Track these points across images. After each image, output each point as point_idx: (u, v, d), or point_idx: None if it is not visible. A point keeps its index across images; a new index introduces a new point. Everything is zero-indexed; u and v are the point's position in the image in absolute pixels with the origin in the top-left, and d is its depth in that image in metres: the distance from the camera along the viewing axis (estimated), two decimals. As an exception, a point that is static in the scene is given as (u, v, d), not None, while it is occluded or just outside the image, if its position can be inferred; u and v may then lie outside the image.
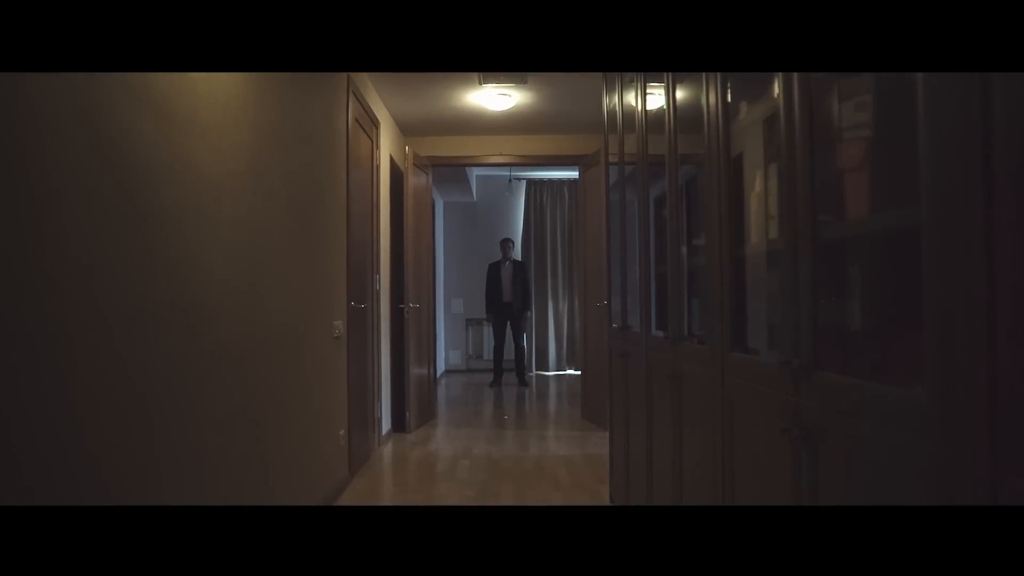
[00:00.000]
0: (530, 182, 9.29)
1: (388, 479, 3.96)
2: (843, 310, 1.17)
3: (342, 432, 3.63)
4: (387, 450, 4.69)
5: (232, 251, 2.18)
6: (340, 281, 3.64)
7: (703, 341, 1.80)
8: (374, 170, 4.68)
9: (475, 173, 8.98)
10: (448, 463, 4.27)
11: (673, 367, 2.07)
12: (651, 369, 2.43)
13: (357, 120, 4.10)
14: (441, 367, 9.00)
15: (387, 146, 5.13)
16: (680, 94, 2.05)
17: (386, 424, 4.98)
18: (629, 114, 2.81)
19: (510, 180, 9.04)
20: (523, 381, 7.97)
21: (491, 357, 8.35)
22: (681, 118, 2.04)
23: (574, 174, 8.99)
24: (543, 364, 9.20)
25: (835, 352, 1.13)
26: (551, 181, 9.29)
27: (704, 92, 1.72)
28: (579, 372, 8.94)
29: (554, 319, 9.22)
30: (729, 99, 1.63)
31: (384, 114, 5.03)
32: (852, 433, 1.01)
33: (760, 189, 1.53)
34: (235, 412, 2.21)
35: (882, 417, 0.92)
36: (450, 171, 7.61)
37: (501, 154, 5.99)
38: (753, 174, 1.58)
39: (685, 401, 1.97)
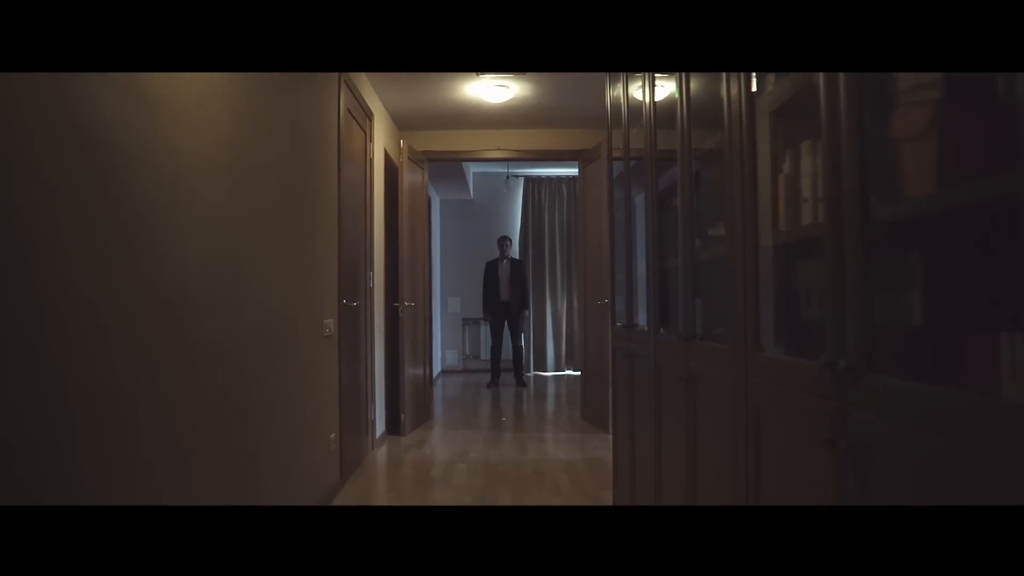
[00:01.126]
0: (528, 179, 9.13)
1: (381, 484, 3.81)
2: (900, 303, 1.02)
3: (333, 435, 3.47)
4: (381, 453, 4.53)
5: (210, 241, 2.03)
6: (331, 277, 3.48)
7: (722, 340, 1.65)
8: (368, 164, 4.53)
9: (472, 170, 8.82)
10: (444, 467, 4.12)
11: (686, 368, 1.92)
12: (660, 370, 2.28)
13: (350, 111, 3.94)
14: (437, 367, 8.84)
15: (381, 140, 4.97)
16: (695, 83, 1.90)
17: (380, 426, 4.83)
18: (636, 107, 2.66)
19: (508, 177, 8.88)
20: (521, 382, 7.81)
21: (488, 357, 8.20)
22: (695, 105, 1.90)
23: (572, 171, 8.84)
24: (541, 364, 9.05)
25: (890, 352, 0.98)
26: (549, 178, 9.13)
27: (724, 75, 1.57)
28: (578, 373, 8.81)
29: (552, 318, 9.07)
30: (753, 76, 1.47)
31: (378, 107, 4.88)
32: (913, 444, 0.86)
33: (789, 170, 1.38)
34: (214, 414, 2.05)
35: (956, 426, 0.77)
36: (447, 168, 7.46)
37: (499, 148, 5.84)
38: (780, 155, 1.43)
39: (700, 406, 1.82)
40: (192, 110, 1.92)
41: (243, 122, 2.29)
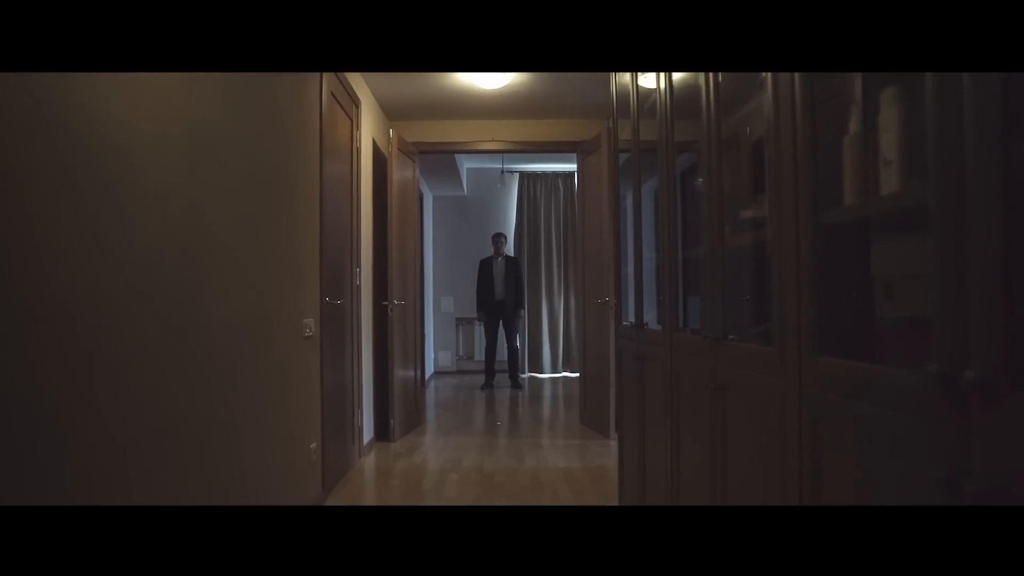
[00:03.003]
0: (523, 175, 8.86)
1: (367, 497, 3.52)
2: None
3: (314, 445, 3.19)
4: (368, 462, 4.25)
5: (160, 227, 1.75)
6: (312, 273, 3.20)
7: (763, 341, 1.38)
8: (354, 154, 4.24)
9: (465, 166, 8.54)
10: (436, 477, 3.84)
11: (715, 374, 1.65)
12: (679, 375, 2.01)
13: (334, 95, 3.66)
14: (430, 369, 8.56)
15: (369, 129, 4.69)
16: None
17: (368, 433, 4.54)
18: (647, 93, 2.40)
19: (502, 172, 8.60)
20: (516, 384, 7.54)
21: (483, 358, 7.93)
22: (726, 77, 1.63)
23: (569, 167, 8.58)
24: (537, 366, 8.77)
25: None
26: (545, 174, 8.86)
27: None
28: (575, 375, 8.54)
29: (548, 318, 8.79)
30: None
31: (366, 94, 4.60)
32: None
33: (857, 131, 1.11)
34: (163, 426, 1.77)
35: None
36: (439, 163, 7.18)
37: (494, 140, 5.56)
38: (844, 113, 1.16)
39: (732, 419, 1.55)
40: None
41: (203, 90, 2.01)
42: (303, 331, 3.02)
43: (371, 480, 3.86)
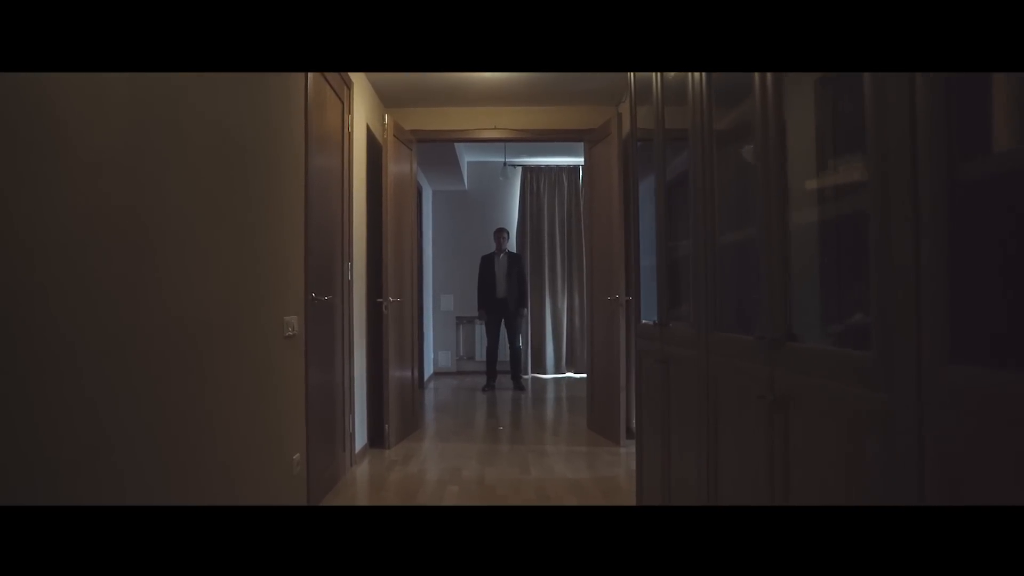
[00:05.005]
0: (526, 168, 8.54)
1: (358, 511, 3.21)
2: None
3: (297, 456, 2.87)
4: (361, 471, 3.93)
5: (93, 203, 1.43)
6: (295, 266, 2.88)
7: (860, 344, 1.06)
8: (346, 139, 3.93)
9: (466, 159, 8.23)
10: (433, 489, 3.53)
11: (771, 384, 1.34)
12: (716, 382, 1.70)
13: (322, 72, 3.35)
14: (429, 370, 8.24)
15: (363, 114, 4.37)
16: None
17: (360, 439, 4.23)
18: (676, 83, 2.08)
19: (505, 165, 8.28)
20: (519, 385, 7.22)
21: (483, 358, 7.62)
22: None
23: (573, 160, 8.27)
24: (540, 366, 8.46)
25: None
26: (549, 168, 8.55)
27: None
28: (579, 375, 8.22)
29: (552, 317, 8.48)
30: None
31: (359, 76, 4.28)
32: None
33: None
34: (98, 444, 1.46)
35: None
36: (439, 156, 6.86)
37: (496, 128, 5.24)
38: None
39: (800, 440, 1.23)
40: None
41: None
42: (284, 330, 2.71)
43: (362, 492, 3.54)
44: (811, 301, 1.33)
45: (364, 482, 3.73)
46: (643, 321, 2.60)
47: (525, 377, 8.07)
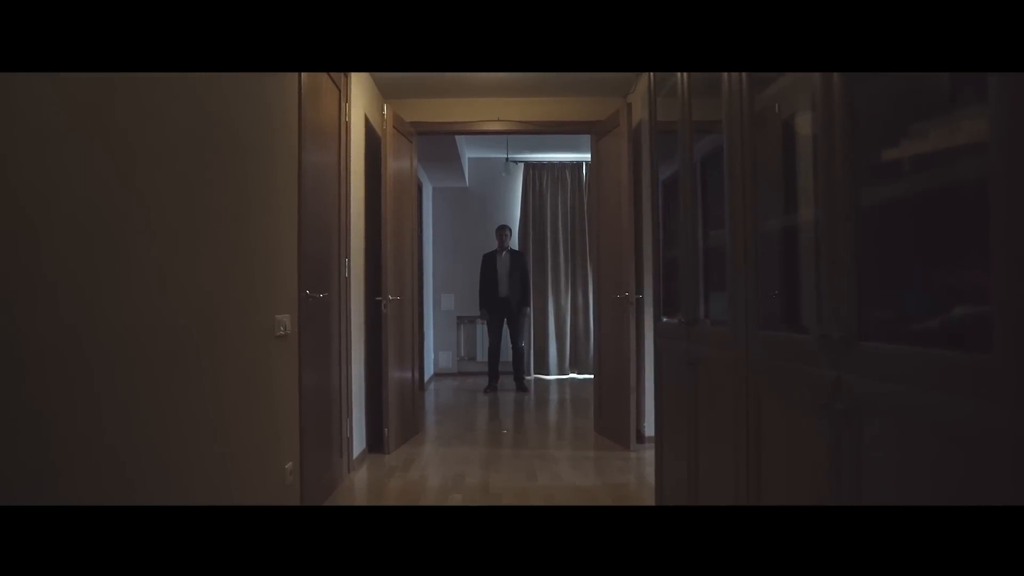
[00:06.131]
0: (528, 165, 8.35)
1: (356, 523, 3.01)
2: None
3: (290, 465, 2.67)
4: (359, 479, 3.74)
5: (38, 181, 1.23)
6: (287, 261, 2.69)
7: (983, 346, 0.86)
8: (343, 129, 3.73)
9: (467, 155, 8.03)
10: (435, 497, 3.33)
11: (837, 390, 1.14)
12: (762, 387, 1.50)
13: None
14: (429, 371, 8.04)
15: (361, 103, 4.17)
16: None
17: (359, 443, 4.03)
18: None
19: (507, 161, 8.08)
20: (521, 386, 7.03)
21: (485, 359, 7.43)
22: None
23: (576, 156, 8.08)
24: (542, 367, 8.26)
25: None
26: (552, 164, 8.35)
27: None
28: (583, 376, 8.01)
29: (555, 316, 8.28)
30: None
31: (357, 62, 4.08)
32: None
33: None
34: (49, 463, 1.26)
35: None
36: (440, 152, 6.67)
37: (499, 120, 5.04)
38: None
39: (877, 460, 1.04)
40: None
41: None
42: (275, 329, 2.51)
43: (361, 501, 3.35)
44: (886, 293, 1.13)
45: (362, 490, 3.53)
46: (662, 319, 2.40)
47: (528, 378, 7.87)
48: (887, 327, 1.10)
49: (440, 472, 3.83)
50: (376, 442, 4.38)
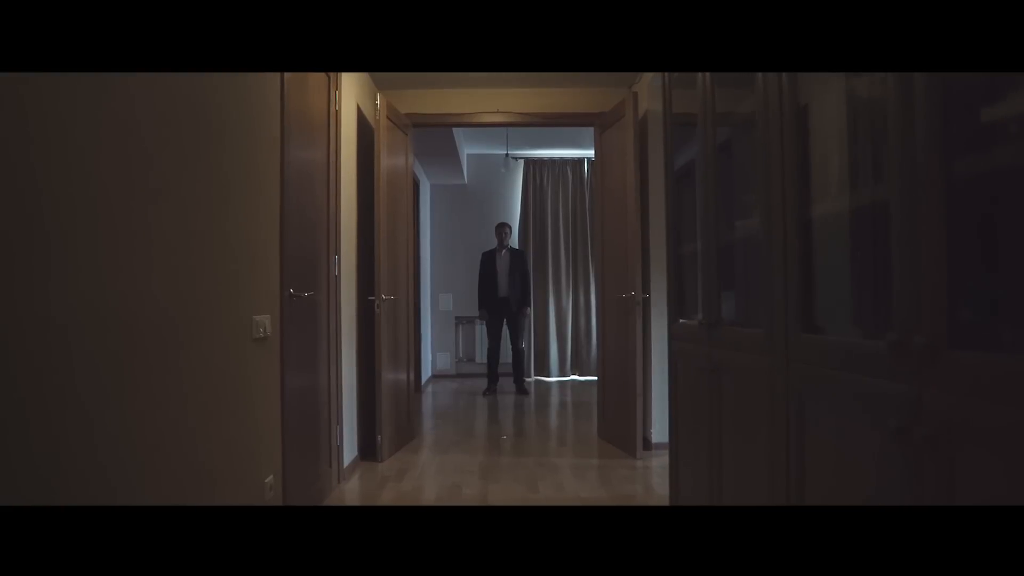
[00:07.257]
0: (528, 161, 8.13)
1: (344, 539, 2.79)
2: None
3: (270, 479, 2.45)
4: (350, 489, 3.51)
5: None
6: (268, 256, 2.46)
7: None
8: (332, 118, 3.51)
9: (466, 151, 7.82)
10: (430, 511, 3.11)
11: (918, 409, 0.92)
12: (805, 399, 1.28)
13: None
14: (427, 372, 7.81)
15: (352, 93, 3.95)
16: None
17: (350, 451, 3.81)
18: None
19: (507, 157, 7.86)
20: (522, 389, 6.80)
21: (484, 360, 7.20)
22: None
23: (577, 152, 7.86)
24: (543, 368, 8.04)
25: None
26: (552, 160, 8.13)
27: None
28: (585, 378, 7.78)
29: (555, 317, 8.06)
30: None
31: (348, 48, 3.86)
32: None
33: None
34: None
35: None
36: (437, 147, 6.45)
37: (498, 112, 4.82)
38: None
39: (979, 492, 0.82)
40: None
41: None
42: (253, 331, 2.29)
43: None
44: (982, 290, 0.92)
45: (353, 502, 3.31)
46: (679, 320, 2.19)
47: (528, 380, 7.65)
48: (981, 333, 0.88)
49: (436, 482, 3.61)
50: (369, 449, 4.15)
